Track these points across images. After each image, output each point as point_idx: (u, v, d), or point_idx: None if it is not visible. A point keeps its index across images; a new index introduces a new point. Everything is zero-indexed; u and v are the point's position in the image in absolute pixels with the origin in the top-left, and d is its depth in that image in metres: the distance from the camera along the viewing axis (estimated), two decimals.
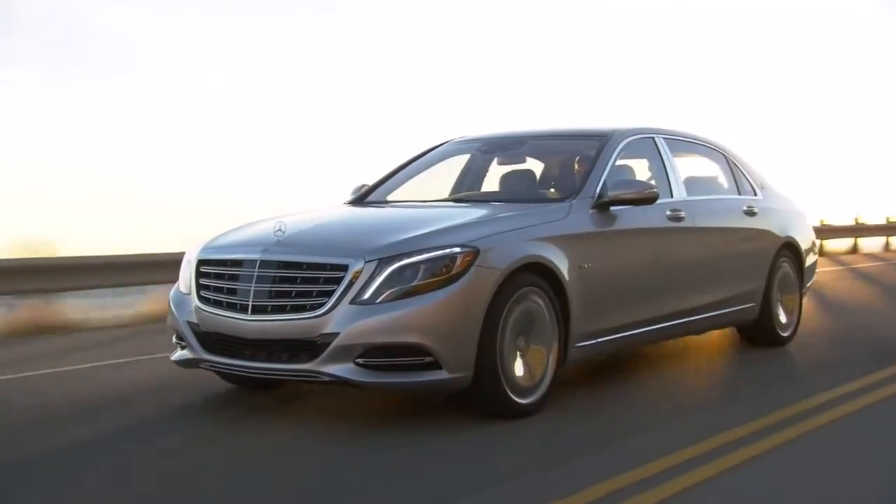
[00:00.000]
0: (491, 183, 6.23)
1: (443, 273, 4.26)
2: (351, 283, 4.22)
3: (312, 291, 4.29)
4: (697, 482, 3.53)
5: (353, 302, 4.21)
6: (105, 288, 9.13)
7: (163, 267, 8.49)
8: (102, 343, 7.53)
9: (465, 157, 6.47)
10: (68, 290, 8.68)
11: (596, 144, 5.60)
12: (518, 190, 5.76)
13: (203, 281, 4.69)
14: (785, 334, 6.79)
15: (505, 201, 5.49)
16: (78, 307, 8.76)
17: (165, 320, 5.07)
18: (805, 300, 7.23)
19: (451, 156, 6.43)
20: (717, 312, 6.09)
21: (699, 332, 6.30)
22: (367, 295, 4.21)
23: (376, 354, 4.19)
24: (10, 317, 8.24)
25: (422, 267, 4.26)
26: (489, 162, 6.38)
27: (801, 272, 7.04)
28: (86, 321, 8.45)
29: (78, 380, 5.89)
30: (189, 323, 4.71)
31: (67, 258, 8.69)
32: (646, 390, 5.29)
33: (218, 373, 5.04)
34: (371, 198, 6.06)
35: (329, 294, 4.24)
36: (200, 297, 4.66)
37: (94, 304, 9.15)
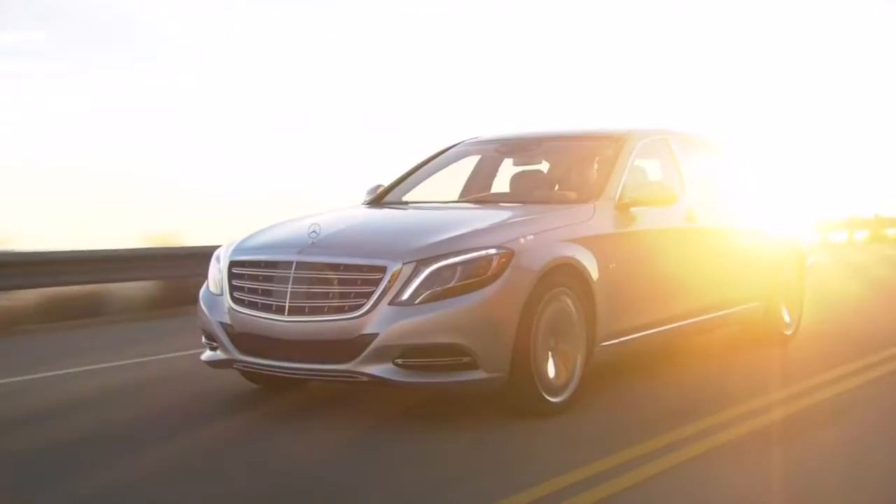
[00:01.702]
0: (501, 184, 6.28)
1: (479, 274, 4.32)
2: (389, 285, 4.28)
3: (350, 293, 4.33)
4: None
5: (391, 303, 4.26)
6: None
7: None
8: None
9: (476, 159, 6.52)
10: None
11: (613, 146, 5.68)
12: (536, 191, 5.81)
13: (236, 282, 4.71)
14: (788, 332, 6.94)
15: (526, 202, 5.52)
16: None
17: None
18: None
19: (464, 157, 6.47)
20: (727, 311, 6.22)
21: (710, 330, 6.43)
22: (405, 296, 4.26)
23: (415, 355, 4.25)
24: None
25: (459, 268, 4.32)
26: (500, 163, 6.44)
27: (803, 272, 7.20)
28: None
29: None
30: (222, 324, 4.72)
31: None
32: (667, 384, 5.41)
33: (243, 373, 5.06)
34: (388, 198, 6.09)
35: (367, 295, 4.28)
36: (234, 298, 4.67)
37: None
